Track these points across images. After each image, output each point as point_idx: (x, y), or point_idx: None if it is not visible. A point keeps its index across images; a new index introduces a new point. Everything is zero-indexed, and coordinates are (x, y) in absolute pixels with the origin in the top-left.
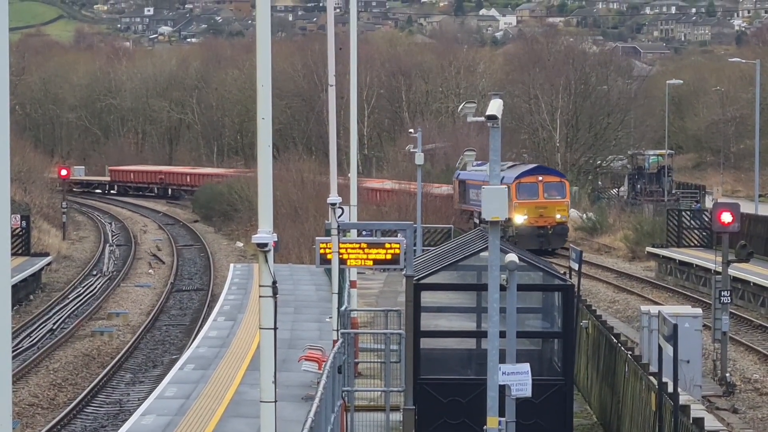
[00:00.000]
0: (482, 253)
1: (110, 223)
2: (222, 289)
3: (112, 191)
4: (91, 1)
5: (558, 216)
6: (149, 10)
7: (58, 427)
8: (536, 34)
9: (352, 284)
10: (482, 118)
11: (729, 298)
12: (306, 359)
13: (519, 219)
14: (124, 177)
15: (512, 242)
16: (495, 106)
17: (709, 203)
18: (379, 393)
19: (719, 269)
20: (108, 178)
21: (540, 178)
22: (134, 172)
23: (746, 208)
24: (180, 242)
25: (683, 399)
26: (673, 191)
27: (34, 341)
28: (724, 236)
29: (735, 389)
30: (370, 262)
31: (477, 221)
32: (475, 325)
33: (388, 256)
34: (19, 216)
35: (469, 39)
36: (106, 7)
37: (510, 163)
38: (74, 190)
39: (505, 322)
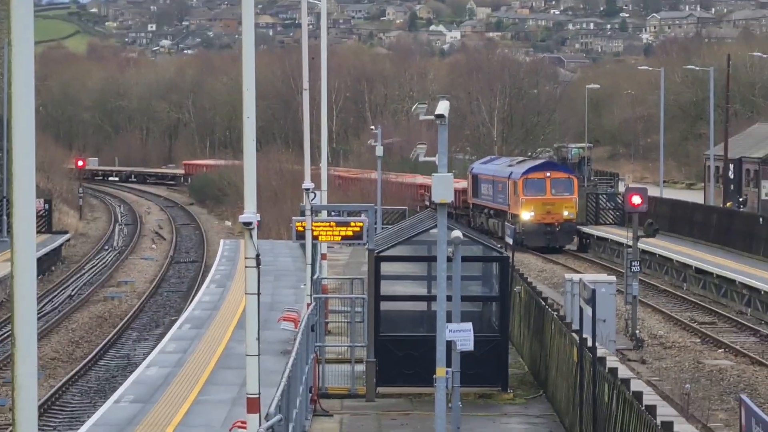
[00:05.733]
0: (432, 230)
1: (119, 206)
2: (214, 261)
3: (185, 183)
4: (103, 18)
5: (566, 213)
6: (152, 27)
7: (76, 377)
8: (477, 47)
9: (323, 257)
10: (432, 117)
11: (638, 267)
12: (284, 320)
13: (526, 215)
14: (198, 171)
15: (519, 239)
16: (443, 107)
17: (621, 188)
18: (346, 348)
19: (630, 243)
20: (183, 171)
21: (548, 174)
22: (206, 165)
23: (653, 192)
24: (178, 222)
25: (600, 352)
26: (592, 178)
27: (56, 306)
28: (634, 216)
29: (643, 344)
30: (338, 238)
31: (486, 217)
32: (426, 291)
33: (353, 233)
34: (42, 200)
35: (421, 50)
36: (115, 24)
37: (519, 159)
38: (147, 181)
39: (451, 288)
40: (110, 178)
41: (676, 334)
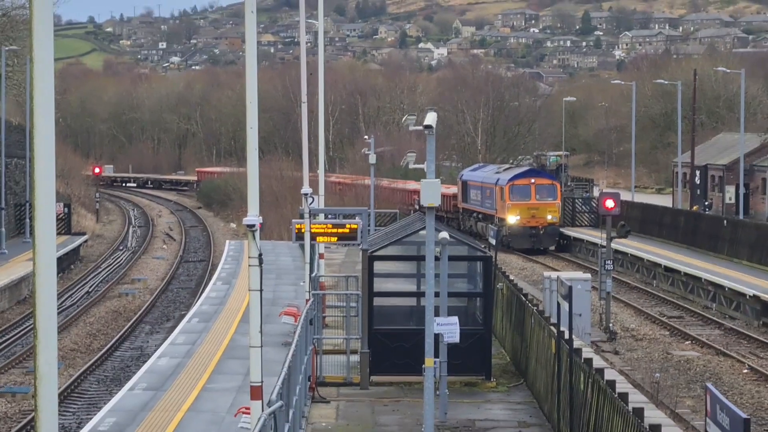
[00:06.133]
0: (421, 232)
1: (133, 210)
2: (220, 260)
3: (198, 189)
4: (118, 37)
5: (549, 217)
6: (163, 44)
7: (93, 367)
8: (463, 63)
9: (321, 256)
10: (421, 127)
11: (611, 266)
12: (285, 314)
13: (512, 219)
14: (209, 177)
15: (505, 241)
16: (430, 118)
17: (596, 193)
18: (342, 340)
19: (604, 244)
20: (195, 178)
21: (532, 180)
22: (217, 172)
23: (625, 196)
24: (187, 224)
25: (576, 344)
26: (569, 183)
27: (75, 301)
28: (608, 218)
29: (616, 336)
30: (335, 239)
31: (475, 221)
32: (416, 287)
33: (348, 234)
34: (62, 204)
35: (410, 66)
36: (129, 42)
37: (506, 166)
38: (162, 187)
39: (439, 285)
40: (128, 185)
41: (646, 327)
